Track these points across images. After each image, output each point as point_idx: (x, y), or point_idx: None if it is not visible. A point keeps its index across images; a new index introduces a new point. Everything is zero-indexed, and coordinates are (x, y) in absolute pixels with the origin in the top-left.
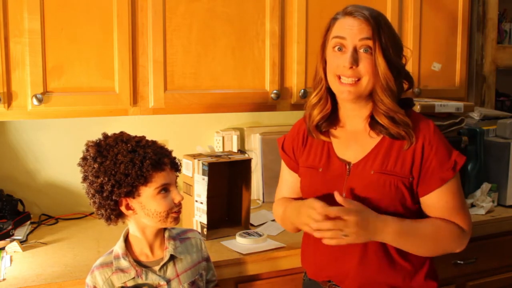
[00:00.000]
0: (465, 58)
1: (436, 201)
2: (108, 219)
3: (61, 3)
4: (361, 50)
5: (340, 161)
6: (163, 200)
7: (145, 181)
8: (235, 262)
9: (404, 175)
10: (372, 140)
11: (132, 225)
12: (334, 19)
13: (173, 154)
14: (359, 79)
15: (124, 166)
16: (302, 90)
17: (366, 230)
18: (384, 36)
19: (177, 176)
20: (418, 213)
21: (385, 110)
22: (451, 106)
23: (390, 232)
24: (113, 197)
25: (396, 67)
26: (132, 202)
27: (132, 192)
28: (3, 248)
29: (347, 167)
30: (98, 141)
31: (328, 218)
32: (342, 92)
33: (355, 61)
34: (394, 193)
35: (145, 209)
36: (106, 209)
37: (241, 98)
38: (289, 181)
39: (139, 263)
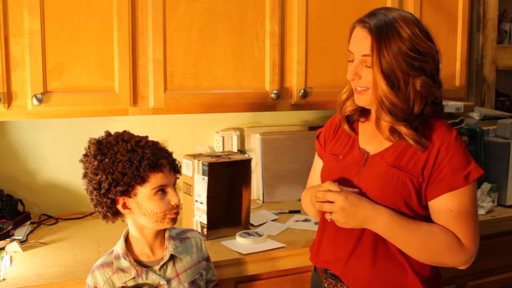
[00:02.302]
0: (465, 58)
1: (441, 207)
2: (105, 217)
3: (61, 3)
4: (364, 64)
5: (360, 150)
6: (160, 201)
7: (142, 181)
8: (235, 262)
9: (414, 173)
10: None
11: (130, 225)
12: (353, 27)
13: (174, 156)
14: (368, 88)
15: (122, 165)
16: (302, 90)
17: (354, 217)
18: (387, 47)
19: (177, 178)
20: (428, 220)
21: (387, 124)
22: (451, 106)
23: (381, 222)
24: (110, 195)
25: (405, 79)
26: (129, 202)
27: (128, 192)
28: (3, 248)
29: (365, 157)
30: (99, 139)
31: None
32: (356, 99)
33: (356, 74)
34: (400, 189)
35: (141, 209)
36: (103, 206)
37: (241, 98)
38: (318, 169)
39: (139, 262)
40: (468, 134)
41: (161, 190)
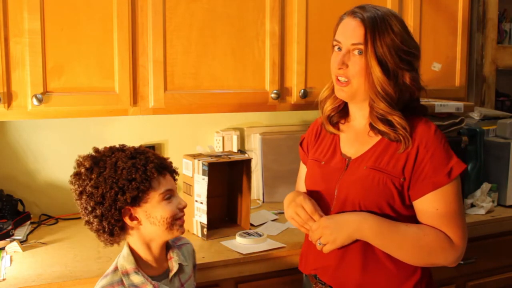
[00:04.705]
0: (465, 58)
1: (427, 207)
2: (111, 234)
3: (61, 3)
4: (355, 52)
5: (342, 156)
6: (169, 205)
7: (150, 185)
8: (235, 262)
9: (395, 174)
10: (373, 138)
11: (135, 241)
12: (340, 19)
13: (172, 158)
14: (350, 81)
15: (126, 172)
16: (302, 90)
17: (341, 231)
18: (381, 39)
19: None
20: (412, 220)
21: (380, 113)
22: (451, 106)
23: (368, 228)
24: (118, 205)
25: (395, 71)
26: (137, 212)
27: (137, 198)
28: (3, 248)
29: (347, 162)
30: (90, 154)
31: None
32: (337, 91)
33: (343, 62)
34: (381, 191)
35: (150, 217)
36: (109, 221)
37: (241, 98)
38: (303, 176)
39: (150, 277)
40: (468, 134)
41: (169, 195)
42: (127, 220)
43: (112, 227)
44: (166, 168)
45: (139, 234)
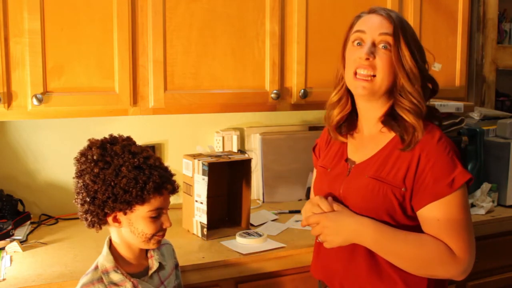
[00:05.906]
0: (465, 58)
1: (429, 217)
2: (91, 225)
3: (61, 3)
4: (380, 46)
5: (346, 161)
6: (152, 222)
7: (143, 202)
8: (235, 262)
9: (396, 184)
10: (378, 144)
11: (116, 237)
12: (358, 17)
13: (173, 171)
14: (374, 76)
15: (125, 182)
16: (302, 90)
17: (337, 234)
18: (407, 38)
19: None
20: (416, 231)
21: (410, 104)
22: (451, 106)
23: (367, 234)
24: (105, 209)
25: (420, 67)
26: (121, 216)
27: (125, 209)
28: (3, 248)
29: (349, 167)
30: (103, 143)
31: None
32: (357, 87)
33: (371, 53)
34: (381, 201)
35: (132, 226)
36: (93, 216)
37: (241, 98)
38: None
39: (130, 274)
40: (468, 134)
41: (157, 214)
42: (110, 220)
43: (93, 222)
44: (166, 188)
45: (120, 234)
